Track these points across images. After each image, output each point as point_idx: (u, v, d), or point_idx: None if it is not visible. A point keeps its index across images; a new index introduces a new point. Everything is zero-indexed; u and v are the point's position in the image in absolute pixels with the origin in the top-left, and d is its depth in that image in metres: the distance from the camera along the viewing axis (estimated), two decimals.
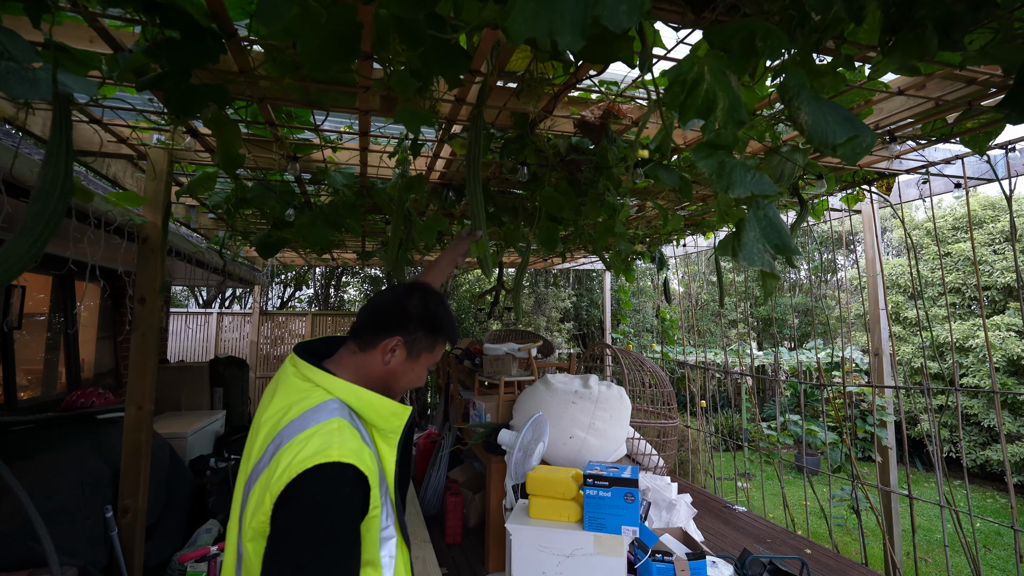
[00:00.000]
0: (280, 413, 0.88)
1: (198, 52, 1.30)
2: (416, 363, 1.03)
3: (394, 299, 1.04)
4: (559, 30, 0.71)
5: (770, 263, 0.84)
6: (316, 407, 0.87)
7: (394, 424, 0.95)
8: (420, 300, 1.04)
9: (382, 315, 1.02)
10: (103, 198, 1.97)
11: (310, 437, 0.80)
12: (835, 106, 0.92)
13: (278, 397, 0.93)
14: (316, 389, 0.92)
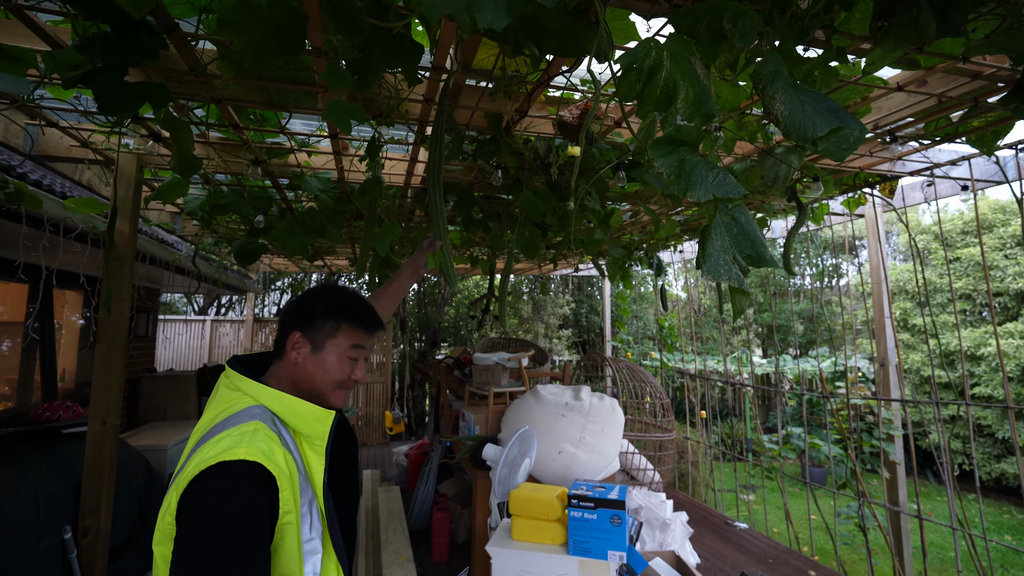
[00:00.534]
0: (208, 423, 0.89)
1: (133, 49, 1.21)
2: (324, 353, 1.00)
3: (293, 301, 1.07)
4: (479, 6, 0.61)
5: (738, 277, 0.73)
6: (238, 412, 0.88)
7: (318, 429, 0.94)
8: (314, 294, 1.05)
9: (284, 318, 1.03)
10: (60, 204, 1.88)
11: (223, 438, 0.81)
12: (816, 95, 0.80)
13: (209, 408, 0.95)
14: (243, 397, 0.93)
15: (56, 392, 3.27)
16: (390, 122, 1.55)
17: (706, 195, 0.70)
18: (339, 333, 1.01)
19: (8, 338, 3.00)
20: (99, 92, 1.20)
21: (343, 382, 1.01)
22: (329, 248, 4.40)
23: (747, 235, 0.83)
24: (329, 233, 2.67)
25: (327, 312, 1.01)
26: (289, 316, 1.02)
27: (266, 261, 5.25)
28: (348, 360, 1.01)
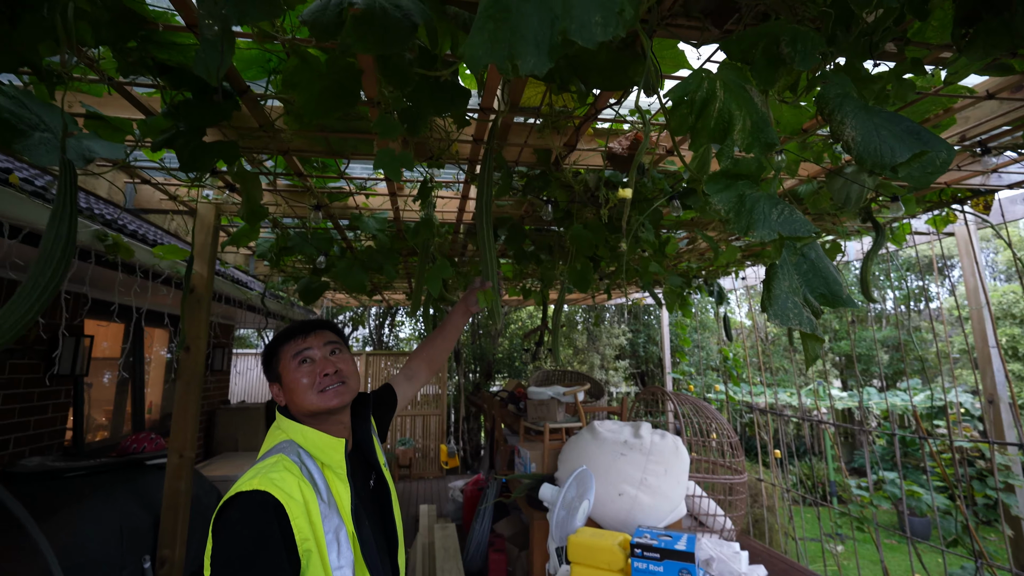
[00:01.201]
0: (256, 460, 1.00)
1: (210, 111, 1.33)
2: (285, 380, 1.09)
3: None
4: (521, 52, 0.60)
5: (809, 321, 0.65)
6: (272, 448, 1.00)
7: (334, 457, 1.02)
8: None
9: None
10: (150, 252, 2.07)
11: (249, 471, 0.91)
12: (892, 116, 0.73)
13: (262, 446, 1.07)
14: (280, 433, 1.05)
15: (144, 423, 3.53)
16: (441, 164, 1.59)
17: (770, 234, 0.64)
18: (280, 356, 1.12)
19: (107, 371, 3.30)
20: (180, 152, 1.31)
21: (312, 384, 1.07)
22: (387, 284, 4.56)
23: (818, 272, 0.76)
24: (386, 270, 2.76)
25: (268, 354, 1.14)
26: (266, 377, 1.16)
27: (329, 296, 5.51)
28: (301, 367, 1.09)
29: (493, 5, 0.62)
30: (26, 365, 2.43)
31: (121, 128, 1.51)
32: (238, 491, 0.86)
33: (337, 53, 1.05)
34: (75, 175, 1.10)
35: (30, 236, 1.64)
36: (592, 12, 0.59)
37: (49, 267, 1.04)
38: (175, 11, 1.13)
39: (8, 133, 1.07)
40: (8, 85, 1.15)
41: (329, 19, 0.81)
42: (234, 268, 3.85)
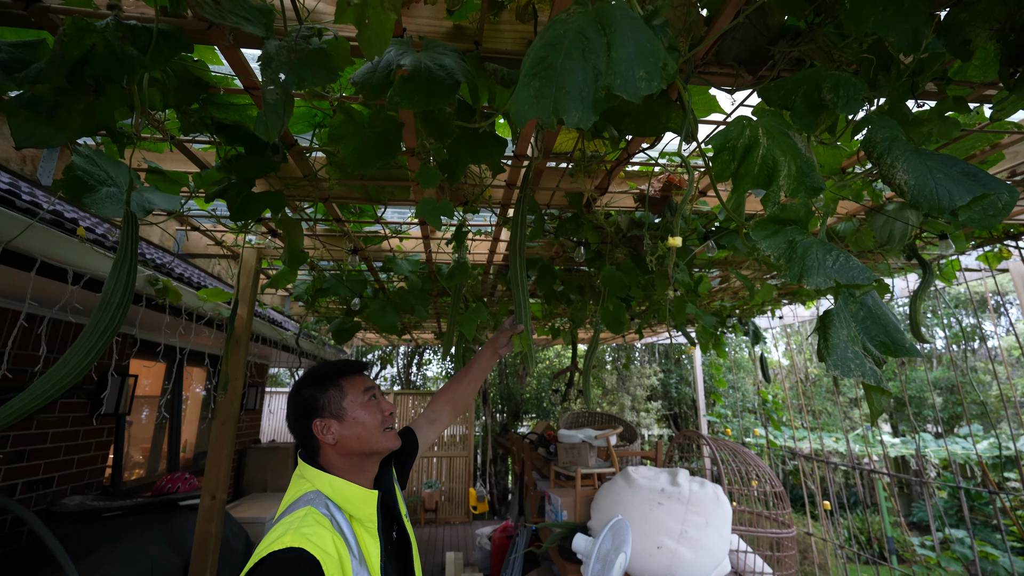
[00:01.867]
0: (279, 512, 0.95)
1: (260, 164, 1.41)
2: (349, 414, 1.04)
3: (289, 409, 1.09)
4: (565, 108, 0.62)
5: (873, 372, 0.62)
6: (298, 499, 0.95)
7: (365, 511, 0.98)
8: (302, 388, 1.08)
9: (293, 426, 1.07)
10: (195, 295, 2.16)
11: (277, 527, 0.87)
12: (946, 158, 0.71)
13: (284, 497, 1.02)
14: (305, 482, 0.99)
15: (178, 462, 3.58)
16: (476, 209, 1.62)
17: (826, 282, 0.62)
18: (346, 390, 1.06)
19: (146, 408, 3.39)
20: (231, 202, 1.39)
21: (382, 422, 1.06)
22: (416, 323, 4.61)
23: (877, 319, 0.72)
24: (417, 311, 2.80)
25: (323, 387, 1.06)
26: (298, 418, 1.05)
27: (359, 336, 5.60)
28: (370, 403, 1.06)
29: (538, 64, 0.65)
30: (75, 404, 2.53)
31: (177, 181, 1.62)
32: (270, 551, 0.80)
33: (384, 109, 1.10)
34: (137, 226, 1.17)
35: (90, 282, 1.74)
36: (636, 67, 0.60)
37: (108, 312, 1.09)
38: (234, 75, 1.22)
39: (80, 188, 1.15)
40: (83, 146, 1.25)
41: (378, 80, 0.86)
42: (271, 309, 3.97)
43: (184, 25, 0.98)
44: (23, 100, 0.83)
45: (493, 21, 1.12)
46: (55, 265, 1.56)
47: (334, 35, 0.83)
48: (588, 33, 0.65)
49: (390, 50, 0.89)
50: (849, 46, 1.00)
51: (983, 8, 0.90)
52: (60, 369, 1.00)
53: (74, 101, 0.84)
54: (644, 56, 0.61)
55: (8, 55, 0.98)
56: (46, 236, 1.52)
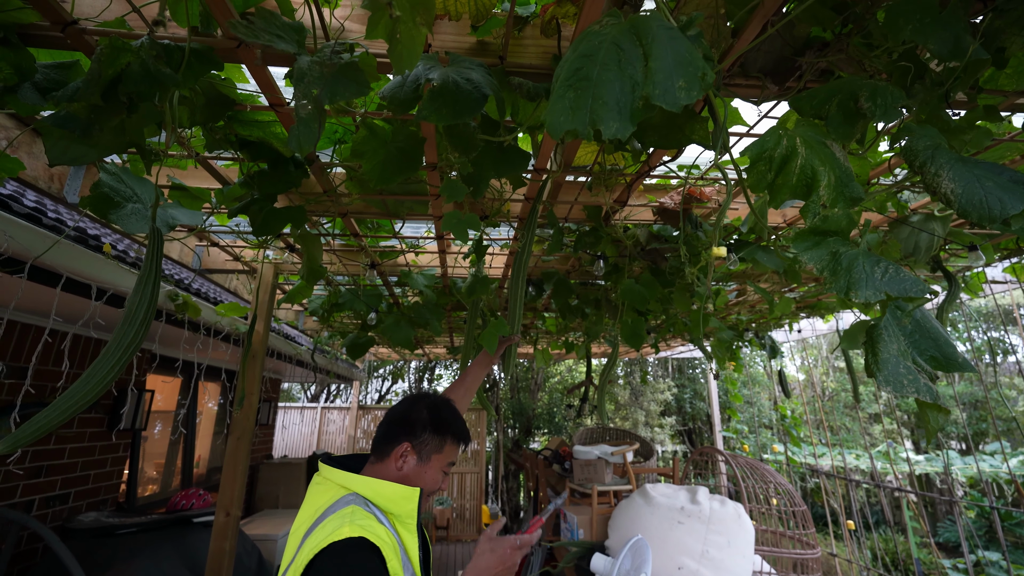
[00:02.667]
0: (309, 517, 0.97)
1: (282, 179, 1.42)
2: (428, 466, 1.08)
3: (401, 410, 1.13)
4: (602, 119, 0.61)
5: (928, 389, 0.59)
6: (334, 503, 0.97)
7: (407, 508, 1.01)
8: (424, 407, 1.12)
9: (392, 426, 1.10)
10: (213, 310, 2.17)
11: (326, 525, 0.89)
12: (992, 166, 0.69)
13: (306, 505, 1.03)
14: (337, 488, 1.02)
15: (192, 478, 3.58)
16: (495, 223, 1.62)
17: (876, 294, 0.60)
18: (444, 448, 1.10)
19: (161, 423, 3.40)
20: (254, 218, 1.39)
21: (434, 492, 1.11)
22: (429, 338, 4.60)
23: (926, 333, 0.70)
24: (432, 325, 2.79)
25: (437, 428, 1.10)
26: (400, 426, 1.10)
27: (372, 351, 5.60)
28: (443, 473, 1.11)
29: (573, 75, 0.64)
30: (92, 419, 2.54)
31: (200, 197, 1.63)
32: (330, 541, 0.83)
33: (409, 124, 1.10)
34: (162, 242, 1.18)
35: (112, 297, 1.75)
36: (675, 77, 0.60)
37: (132, 328, 1.09)
38: (260, 92, 1.24)
39: (106, 205, 1.16)
40: (110, 163, 1.27)
41: (407, 94, 0.86)
42: (285, 324, 3.99)
43: (215, 44, 0.99)
44: (58, 119, 0.84)
45: (517, 36, 1.12)
46: (80, 281, 1.57)
47: (365, 50, 0.84)
48: (623, 44, 0.65)
49: (417, 65, 0.89)
50: (878, 56, 0.99)
51: (1019, 14, 0.88)
52: (83, 385, 1.00)
53: (107, 119, 0.85)
54: (683, 66, 0.60)
55: (43, 76, 1.00)
56: (71, 252, 1.54)
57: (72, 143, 0.91)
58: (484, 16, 1.09)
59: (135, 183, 1.26)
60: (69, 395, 0.99)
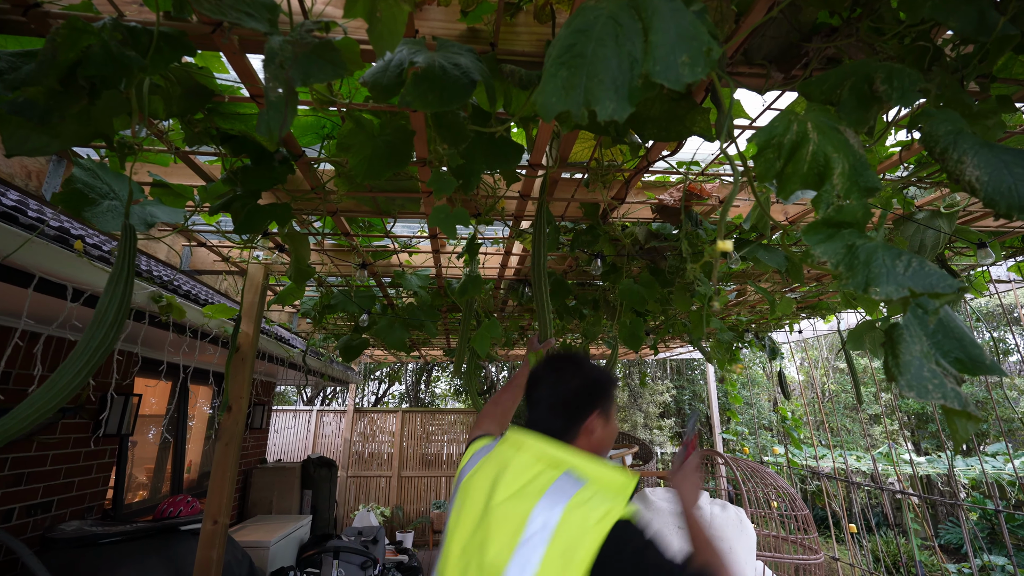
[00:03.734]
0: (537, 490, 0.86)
1: (266, 175, 1.36)
2: (611, 420, 1.04)
3: (575, 379, 1.02)
4: (598, 98, 0.56)
5: (955, 394, 0.54)
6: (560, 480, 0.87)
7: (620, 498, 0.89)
8: (590, 368, 1.04)
9: (580, 399, 1.01)
10: (200, 312, 2.11)
11: (592, 503, 0.81)
12: (1019, 153, 0.64)
13: (510, 478, 0.91)
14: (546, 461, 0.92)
15: (182, 483, 3.50)
16: (488, 220, 1.56)
17: (898, 291, 0.54)
18: (613, 400, 1.06)
19: (151, 428, 3.33)
20: (236, 215, 1.33)
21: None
22: (424, 340, 4.54)
23: (950, 333, 0.64)
24: (427, 327, 2.73)
25: (609, 386, 1.04)
26: (582, 401, 1.00)
27: (367, 353, 5.53)
28: (614, 419, 1.06)
29: (566, 51, 0.59)
30: (76, 425, 2.47)
31: (183, 194, 1.57)
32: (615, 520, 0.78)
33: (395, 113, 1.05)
34: (135, 240, 1.12)
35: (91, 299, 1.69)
36: (678, 52, 0.54)
37: (102, 329, 1.03)
38: (240, 84, 1.18)
39: (80, 202, 1.10)
40: (86, 159, 1.21)
41: (390, 79, 0.80)
42: (278, 326, 3.92)
43: (187, 28, 0.94)
44: (14, 105, 0.78)
45: (509, 22, 1.07)
46: (54, 281, 1.51)
47: (343, 31, 0.78)
48: (621, 19, 0.59)
49: (402, 49, 0.83)
50: (889, 42, 0.94)
51: None
52: (47, 392, 0.94)
53: (67, 106, 0.79)
54: (686, 40, 0.55)
55: (7, 64, 0.95)
56: (45, 251, 1.48)
57: (32, 132, 0.85)
58: (474, 1, 1.04)
59: (112, 179, 1.20)
60: (31, 401, 0.93)
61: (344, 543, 3.38)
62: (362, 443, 7.20)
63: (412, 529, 6.54)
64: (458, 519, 0.93)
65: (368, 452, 7.17)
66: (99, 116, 0.91)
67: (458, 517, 0.93)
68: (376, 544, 3.76)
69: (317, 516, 4.56)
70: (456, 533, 0.91)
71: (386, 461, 7.14)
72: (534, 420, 1.02)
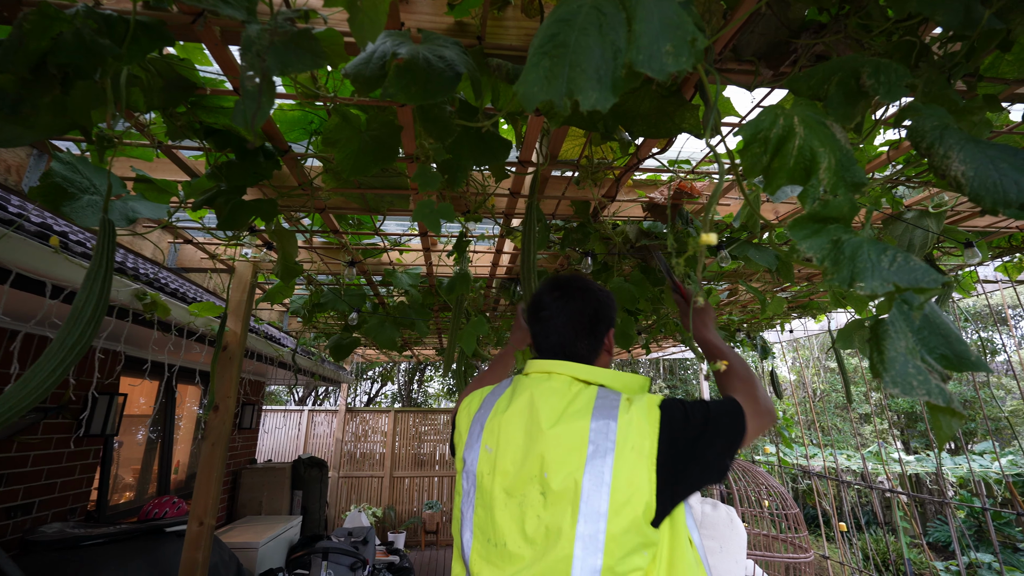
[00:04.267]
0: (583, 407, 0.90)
1: (251, 170, 1.34)
2: (612, 335, 1.07)
3: (589, 304, 1.04)
4: (581, 88, 0.55)
5: (940, 391, 0.53)
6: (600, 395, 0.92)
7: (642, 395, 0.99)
8: (598, 291, 1.06)
9: (593, 318, 1.03)
10: (186, 310, 2.08)
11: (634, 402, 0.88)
12: (1009, 149, 0.63)
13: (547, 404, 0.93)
14: (580, 384, 0.96)
15: (169, 484, 3.46)
16: (478, 218, 1.55)
17: (883, 285, 0.54)
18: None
19: (138, 428, 3.28)
20: (220, 211, 1.31)
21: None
22: (417, 340, 4.51)
23: (936, 329, 0.64)
24: (418, 326, 2.71)
25: (612, 299, 1.07)
26: (597, 321, 1.03)
27: (359, 352, 5.50)
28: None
29: (549, 41, 0.58)
30: (59, 425, 2.42)
31: (167, 190, 1.55)
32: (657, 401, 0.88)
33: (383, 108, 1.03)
34: (114, 235, 1.09)
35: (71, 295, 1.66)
36: (662, 41, 0.53)
37: (79, 326, 1.00)
38: (223, 77, 1.16)
39: (58, 196, 1.08)
40: (65, 152, 1.19)
41: (372, 71, 0.79)
42: (268, 324, 3.88)
43: (167, 18, 0.92)
44: None
45: (497, 16, 1.06)
46: (32, 278, 1.48)
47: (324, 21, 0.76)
48: (605, 8, 0.58)
49: (386, 40, 0.82)
50: (877, 39, 0.94)
51: None
52: (19, 390, 0.91)
53: (39, 95, 0.77)
54: (671, 29, 0.54)
55: None
56: (22, 247, 1.45)
57: (4, 123, 0.83)
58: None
59: (93, 173, 1.17)
60: (3, 400, 0.90)
61: (333, 544, 3.35)
62: (354, 443, 7.15)
63: (404, 530, 6.51)
64: (495, 462, 0.92)
65: (360, 452, 7.13)
66: (75, 107, 0.89)
67: (494, 460, 0.93)
68: (366, 545, 3.73)
69: (308, 517, 4.52)
70: (496, 476, 0.91)
71: (378, 461, 7.10)
72: (556, 345, 1.02)
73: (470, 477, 0.96)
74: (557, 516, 0.83)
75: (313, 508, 4.60)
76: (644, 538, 0.79)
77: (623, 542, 0.78)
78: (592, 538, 0.79)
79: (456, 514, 0.98)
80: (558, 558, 0.79)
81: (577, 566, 0.77)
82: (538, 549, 0.83)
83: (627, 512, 0.79)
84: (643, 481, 0.81)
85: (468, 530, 0.93)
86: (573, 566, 0.78)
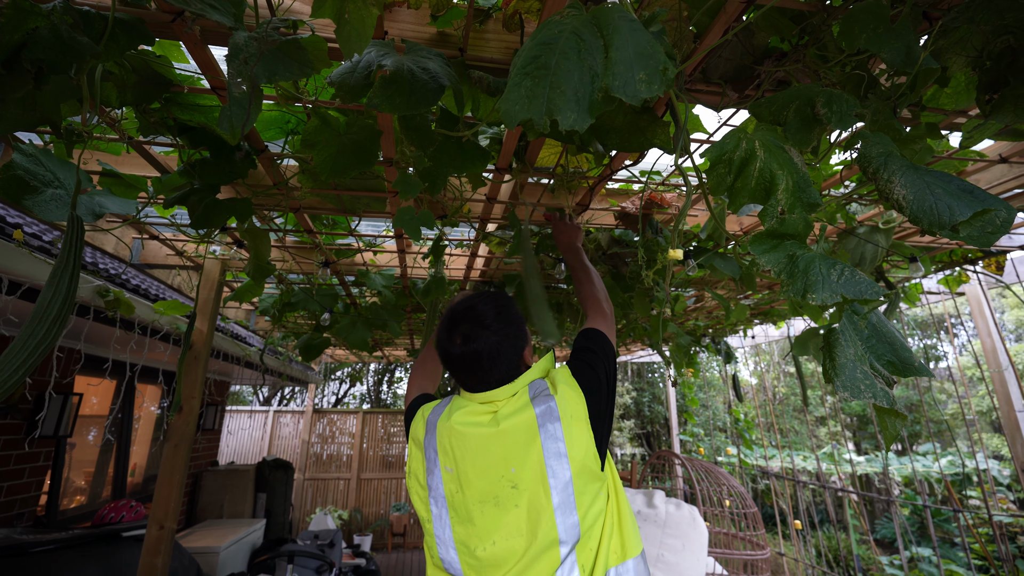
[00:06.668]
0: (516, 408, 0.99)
1: (226, 169, 1.32)
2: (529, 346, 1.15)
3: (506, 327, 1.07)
4: (560, 109, 0.58)
5: (884, 394, 0.59)
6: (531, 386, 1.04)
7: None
8: (512, 314, 1.12)
9: (510, 343, 1.07)
10: (150, 308, 2.02)
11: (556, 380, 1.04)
12: (942, 175, 0.70)
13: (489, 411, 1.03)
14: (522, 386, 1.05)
15: (125, 487, 3.32)
16: (454, 223, 1.57)
17: (832, 296, 0.59)
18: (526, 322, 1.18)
19: (92, 429, 3.14)
20: (192, 209, 1.29)
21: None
22: (387, 340, 4.47)
23: (882, 337, 0.70)
24: (391, 327, 2.70)
25: (521, 316, 1.14)
26: (516, 344, 1.08)
27: (328, 352, 5.40)
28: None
29: (531, 63, 0.61)
30: (8, 426, 2.31)
31: (135, 185, 1.51)
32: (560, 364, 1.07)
33: (363, 112, 1.04)
34: (82, 231, 1.07)
35: (29, 291, 1.59)
36: (636, 69, 0.57)
37: (43, 325, 0.98)
38: (201, 75, 1.15)
39: (20, 189, 1.04)
40: (28, 144, 1.15)
41: (357, 81, 0.80)
42: (234, 323, 3.78)
43: (146, 16, 0.91)
44: None
45: (479, 29, 1.09)
46: None
47: (311, 29, 0.78)
48: (584, 34, 0.62)
49: (371, 50, 0.84)
50: (832, 69, 1.01)
51: (960, 36, 0.92)
52: None
53: (11, 90, 0.75)
54: (644, 58, 0.58)
55: None
56: None
57: None
58: (445, 5, 1.05)
59: (57, 167, 1.14)
60: None
61: (299, 547, 3.29)
62: (321, 444, 7.01)
63: (371, 532, 6.42)
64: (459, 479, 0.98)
65: (327, 454, 6.99)
66: (46, 101, 0.87)
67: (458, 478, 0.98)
68: (333, 548, 3.67)
69: (272, 520, 4.41)
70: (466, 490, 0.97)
71: (345, 463, 6.98)
72: (480, 383, 1.06)
73: (439, 500, 1.00)
74: (533, 498, 0.92)
75: (278, 511, 4.49)
76: (599, 481, 0.95)
77: (587, 492, 0.92)
78: (565, 502, 0.91)
79: (431, 540, 1.00)
80: (545, 530, 0.89)
81: (560, 528, 0.89)
82: (527, 534, 0.91)
83: (585, 468, 0.93)
84: (587, 438, 0.96)
85: (450, 549, 0.97)
86: (558, 530, 0.89)
